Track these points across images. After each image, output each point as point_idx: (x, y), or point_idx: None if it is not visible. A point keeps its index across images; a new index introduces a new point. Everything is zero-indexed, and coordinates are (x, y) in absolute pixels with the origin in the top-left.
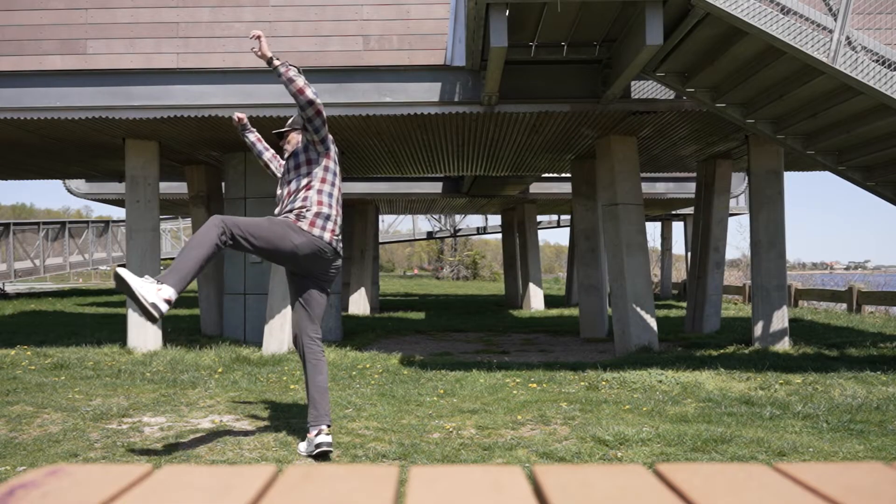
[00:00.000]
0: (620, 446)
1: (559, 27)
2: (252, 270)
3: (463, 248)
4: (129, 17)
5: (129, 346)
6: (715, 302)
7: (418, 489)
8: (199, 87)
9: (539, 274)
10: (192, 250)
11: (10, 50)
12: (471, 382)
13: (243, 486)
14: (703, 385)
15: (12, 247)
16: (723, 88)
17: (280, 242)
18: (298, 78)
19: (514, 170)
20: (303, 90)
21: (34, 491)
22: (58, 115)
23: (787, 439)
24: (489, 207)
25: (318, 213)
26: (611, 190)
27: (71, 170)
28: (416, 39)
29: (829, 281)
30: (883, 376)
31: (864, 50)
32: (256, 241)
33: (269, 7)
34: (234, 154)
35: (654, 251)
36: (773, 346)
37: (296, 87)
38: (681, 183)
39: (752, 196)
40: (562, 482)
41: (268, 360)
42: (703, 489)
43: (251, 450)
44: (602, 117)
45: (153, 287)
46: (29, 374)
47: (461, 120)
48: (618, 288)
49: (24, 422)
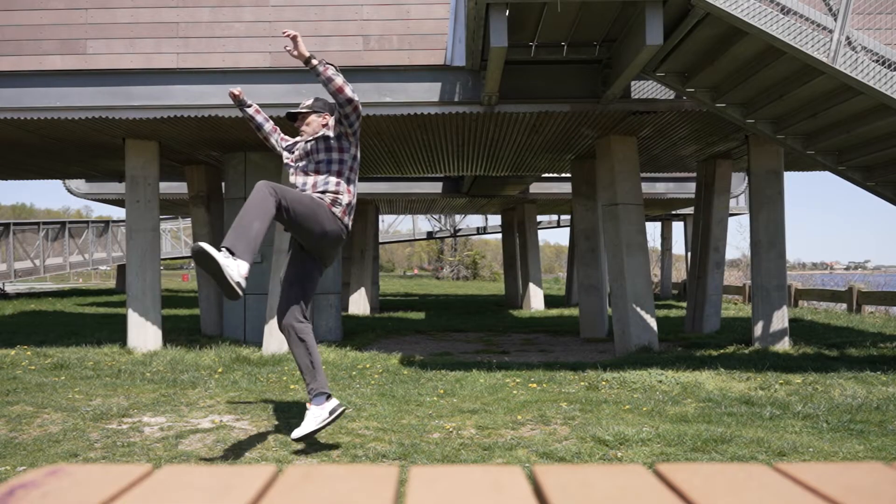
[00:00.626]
0: (620, 446)
1: (559, 27)
2: (252, 270)
3: (463, 248)
4: (129, 17)
5: (129, 346)
6: (715, 302)
7: (418, 489)
8: (199, 87)
9: (539, 274)
10: (255, 221)
11: (10, 50)
12: (471, 382)
13: (243, 486)
14: (703, 385)
15: (12, 247)
16: (723, 88)
17: (314, 223)
18: (337, 77)
19: (514, 170)
20: (342, 88)
21: (34, 491)
22: (58, 115)
23: (787, 439)
24: (489, 207)
25: (349, 204)
26: (611, 190)
27: (71, 170)
28: (416, 39)
29: (829, 281)
30: (883, 376)
31: (864, 50)
32: (295, 215)
33: (269, 7)
34: (234, 154)
35: (654, 251)
36: (773, 346)
37: (335, 86)
38: (681, 183)
39: (752, 196)
40: (562, 482)
41: (268, 360)
42: (703, 489)
43: (251, 450)
44: (602, 117)
45: (234, 264)
46: (29, 374)
47: (461, 120)
48: (618, 288)
49: (24, 422)
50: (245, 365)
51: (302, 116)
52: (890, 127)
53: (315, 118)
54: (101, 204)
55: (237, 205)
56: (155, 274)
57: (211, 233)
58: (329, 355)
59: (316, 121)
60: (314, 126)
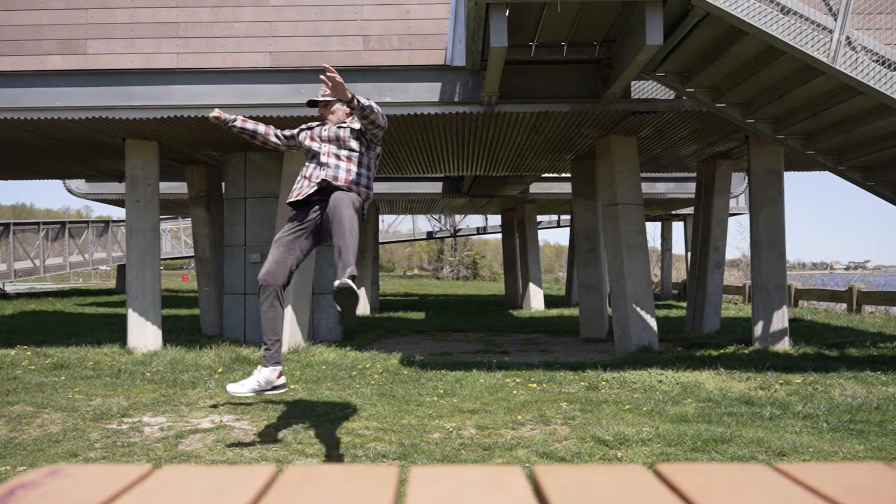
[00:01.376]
0: (620, 446)
1: (559, 27)
2: (252, 270)
3: (463, 248)
4: (128, 17)
5: (129, 346)
6: (715, 302)
7: (418, 489)
8: (199, 87)
9: (539, 274)
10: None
11: (10, 50)
12: (471, 382)
13: (243, 486)
14: (703, 385)
15: (12, 247)
16: (723, 88)
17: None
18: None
19: (514, 170)
20: (377, 121)
21: (34, 491)
22: (58, 115)
23: (787, 439)
24: (489, 207)
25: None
26: (611, 190)
27: (71, 170)
28: (416, 39)
29: (829, 281)
30: (883, 376)
31: (864, 50)
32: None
33: (269, 7)
34: (234, 154)
35: (654, 251)
36: (773, 346)
37: (372, 121)
38: (681, 183)
39: (752, 196)
40: (562, 482)
41: None
42: (703, 489)
43: (251, 450)
44: (602, 117)
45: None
46: (29, 374)
47: (461, 120)
48: (618, 288)
49: (24, 422)
50: (245, 365)
51: (327, 104)
52: (890, 127)
53: (340, 107)
54: (101, 204)
55: (237, 205)
56: (155, 274)
57: (211, 233)
58: (329, 355)
59: (341, 109)
60: (339, 115)
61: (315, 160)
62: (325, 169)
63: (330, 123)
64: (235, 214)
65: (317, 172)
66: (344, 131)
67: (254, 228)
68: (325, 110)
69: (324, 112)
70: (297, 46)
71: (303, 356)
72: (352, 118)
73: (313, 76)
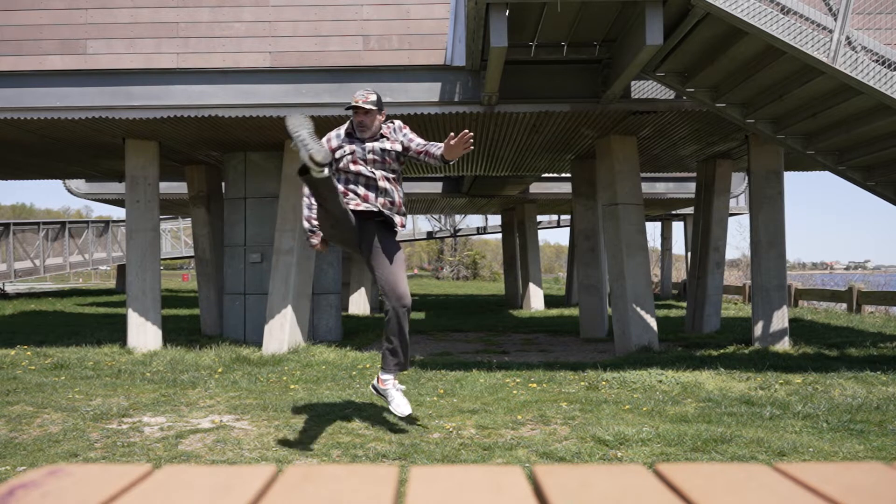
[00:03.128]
0: (620, 446)
1: (559, 27)
2: (252, 270)
3: (463, 248)
4: (129, 17)
5: (129, 346)
6: (715, 302)
7: (418, 489)
8: (199, 87)
9: (539, 274)
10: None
11: (10, 50)
12: (471, 382)
13: (243, 486)
14: (703, 385)
15: (12, 247)
16: (723, 88)
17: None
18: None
19: (514, 170)
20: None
21: (34, 491)
22: (58, 115)
23: (787, 439)
24: (489, 207)
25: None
26: (611, 190)
27: (71, 170)
28: (416, 39)
29: (829, 281)
30: (883, 376)
31: (864, 50)
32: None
33: (269, 7)
34: (234, 154)
35: (654, 251)
36: (773, 346)
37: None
38: (681, 183)
39: (752, 196)
40: (562, 482)
41: (268, 360)
42: (703, 489)
43: (251, 450)
44: (602, 117)
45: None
46: (29, 374)
47: (461, 120)
48: (618, 288)
49: (24, 422)
50: (245, 365)
51: (365, 111)
52: (890, 127)
53: (379, 117)
54: (101, 204)
55: (237, 205)
56: (155, 274)
57: (211, 233)
58: (329, 355)
59: (378, 119)
60: (376, 126)
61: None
62: (383, 196)
63: (366, 133)
64: (235, 214)
65: (373, 195)
66: (389, 154)
67: (254, 228)
68: (362, 117)
69: (364, 120)
70: (297, 46)
71: (303, 356)
72: (393, 139)
73: (313, 76)
